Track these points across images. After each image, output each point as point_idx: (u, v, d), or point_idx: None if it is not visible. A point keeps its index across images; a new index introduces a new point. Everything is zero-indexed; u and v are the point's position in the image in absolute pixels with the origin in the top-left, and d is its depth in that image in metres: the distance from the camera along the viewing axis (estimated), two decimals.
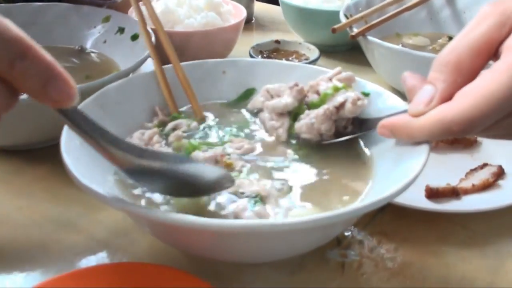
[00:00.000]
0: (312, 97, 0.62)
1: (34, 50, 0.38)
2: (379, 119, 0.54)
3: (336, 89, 0.61)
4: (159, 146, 0.59)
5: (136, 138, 0.60)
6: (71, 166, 0.48)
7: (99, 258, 0.56)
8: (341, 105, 0.59)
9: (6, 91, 0.38)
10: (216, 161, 0.57)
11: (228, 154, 0.58)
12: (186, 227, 0.42)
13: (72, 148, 0.51)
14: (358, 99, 0.59)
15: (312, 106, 0.61)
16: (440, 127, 0.46)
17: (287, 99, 0.61)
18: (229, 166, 0.56)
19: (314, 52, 0.98)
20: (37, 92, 0.38)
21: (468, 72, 0.47)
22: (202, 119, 0.65)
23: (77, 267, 0.55)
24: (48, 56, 0.39)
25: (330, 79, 0.64)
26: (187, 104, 0.67)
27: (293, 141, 0.61)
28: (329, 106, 0.59)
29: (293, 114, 0.62)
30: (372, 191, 0.53)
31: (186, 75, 0.67)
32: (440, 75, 0.48)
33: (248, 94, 0.69)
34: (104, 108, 0.60)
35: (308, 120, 0.59)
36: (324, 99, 0.61)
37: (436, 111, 0.47)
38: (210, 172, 0.49)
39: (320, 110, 0.59)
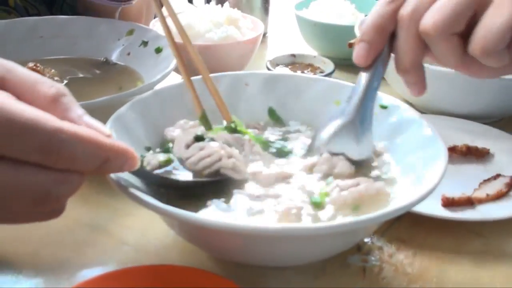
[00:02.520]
0: None
1: (115, 149, 0.42)
2: None
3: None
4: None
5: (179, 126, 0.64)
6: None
7: (130, 260, 0.59)
8: None
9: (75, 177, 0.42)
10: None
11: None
12: (217, 229, 0.45)
13: None
14: None
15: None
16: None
17: None
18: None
19: (329, 65, 1.01)
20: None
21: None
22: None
23: (109, 269, 0.57)
24: (122, 145, 0.43)
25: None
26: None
27: None
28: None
29: None
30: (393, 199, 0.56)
31: (216, 87, 0.69)
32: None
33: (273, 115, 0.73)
34: (138, 115, 0.63)
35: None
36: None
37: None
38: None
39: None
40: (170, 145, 0.62)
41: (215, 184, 0.56)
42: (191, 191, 0.55)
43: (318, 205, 0.54)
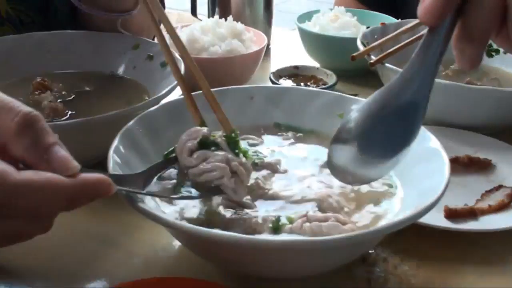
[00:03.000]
0: None
1: (80, 187, 0.43)
2: None
3: None
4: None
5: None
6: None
7: (139, 272, 0.59)
8: None
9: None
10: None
11: None
12: (226, 242, 0.46)
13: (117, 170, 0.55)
14: None
15: None
16: None
17: None
18: None
19: (331, 77, 1.03)
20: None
21: None
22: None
23: (118, 281, 0.58)
24: (90, 178, 0.43)
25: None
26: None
27: None
28: None
29: None
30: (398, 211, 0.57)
31: (216, 100, 0.70)
32: None
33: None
34: (144, 129, 0.64)
35: None
36: None
37: None
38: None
39: None
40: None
41: None
42: None
43: (275, 229, 0.55)
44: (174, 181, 0.57)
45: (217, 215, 0.57)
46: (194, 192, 0.56)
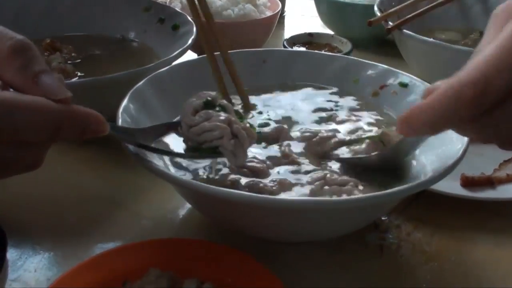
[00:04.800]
0: None
1: (68, 115, 0.39)
2: None
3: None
4: None
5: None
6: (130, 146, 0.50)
7: (147, 234, 0.59)
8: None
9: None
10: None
11: None
12: (236, 202, 0.45)
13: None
14: None
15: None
16: (452, 95, 0.38)
17: None
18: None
19: (346, 45, 1.00)
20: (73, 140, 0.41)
21: None
22: (250, 109, 0.67)
23: (126, 242, 0.58)
24: (79, 110, 0.40)
25: None
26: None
27: None
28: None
29: None
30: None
31: (234, 65, 0.68)
32: None
33: None
34: (154, 90, 0.63)
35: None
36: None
37: (444, 82, 0.39)
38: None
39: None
40: None
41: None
42: None
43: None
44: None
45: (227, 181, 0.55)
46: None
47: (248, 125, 0.55)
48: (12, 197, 0.63)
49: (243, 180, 0.54)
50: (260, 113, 0.66)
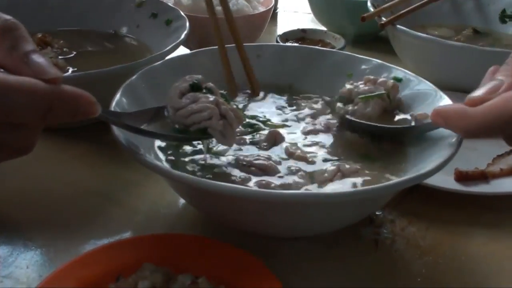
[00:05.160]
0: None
1: (59, 95, 0.39)
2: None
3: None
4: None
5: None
6: (123, 140, 0.49)
7: (140, 229, 0.58)
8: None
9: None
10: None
11: None
12: (231, 196, 0.45)
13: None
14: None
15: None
16: (500, 117, 0.39)
17: None
18: None
19: (339, 41, 1.00)
20: (65, 121, 0.41)
21: None
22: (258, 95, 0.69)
23: (120, 238, 0.57)
24: (70, 90, 0.40)
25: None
26: None
27: None
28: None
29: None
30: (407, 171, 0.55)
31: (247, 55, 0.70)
32: (507, 65, 0.43)
33: None
34: (146, 84, 0.62)
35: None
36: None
37: (498, 99, 0.40)
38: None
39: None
40: None
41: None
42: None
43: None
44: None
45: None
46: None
47: (235, 106, 0.54)
48: (4, 193, 0.62)
49: (253, 179, 0.53)
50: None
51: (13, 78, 0.37)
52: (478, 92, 0.42)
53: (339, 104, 0.65)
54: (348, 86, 0.65)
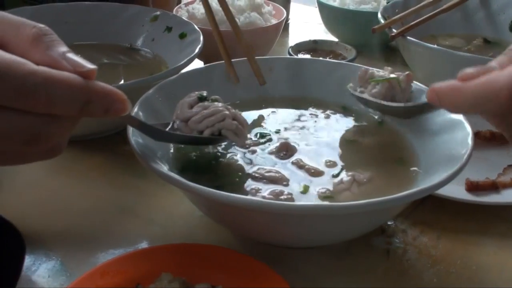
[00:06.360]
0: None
1: (96, 89, 0.41)
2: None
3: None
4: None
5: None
6: (140, 151, 0.51)
7: (157, 239, 0.60)
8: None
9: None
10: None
11: None
12: (245, 207, 0.46)
13: (136, 135, 0.54)
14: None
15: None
16: (487, 91, 0.41)
17: None
18: None
19: (351, 52, 1.01)
20: (99, 116, 0.42)
21: None
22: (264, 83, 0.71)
23: (137, 248, 0.59)
24: (105, 86, 0.42)
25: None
26: None
27: None
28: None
29: None
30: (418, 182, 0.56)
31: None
32: (504, 55, 0.45)
33: None
34: (163, 98, 0.64)
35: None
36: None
37: (486, 76, 0.42)
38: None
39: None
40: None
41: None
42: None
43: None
44: None
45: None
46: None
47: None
48: (26, 205, 0.64)
49: (266, 189, 0.55)
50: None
51: (55, 71, 0.40)
52: (471, 70, 0.43)
53: (350, 84, 0.68)
54: (365, 68, 0.68)
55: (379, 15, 0.96)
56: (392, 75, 0.66)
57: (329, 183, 0.57)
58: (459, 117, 0.60)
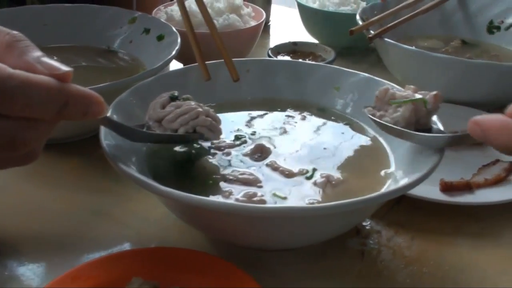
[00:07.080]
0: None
1: (72, 92, 0.41)
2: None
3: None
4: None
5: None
6: (112, 156, 0.51)
7: (132, 243, 0.59)
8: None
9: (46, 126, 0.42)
10: None
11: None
12: (217, 210, 0.46)
13: (109, 139, 0.54)
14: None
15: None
16: None
17: None
18: None
19: (330, 54, 1.02)
20: (77, 119, 0.43)
21: None
22: (238, 79, 0.70)
23: (113, 251, 0.58)
24: (82, 89, 0.42)
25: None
26: None
27: None
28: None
29: None
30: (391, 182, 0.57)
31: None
32: None
33: None
34: (138, 100, 0.64)
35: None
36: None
37: None
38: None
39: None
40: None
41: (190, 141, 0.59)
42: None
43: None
44: None
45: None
46: None
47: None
48: None
49: (239, 191, 0.55)
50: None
51: (31, 74, 0.40)
52: None
53: (369, 107, 0.60)
54: (385, 88, 0.60)
55: (357, 17, 0.96)
56: (417, 95, 0.57)
57: (303, 184, 0.57)
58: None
